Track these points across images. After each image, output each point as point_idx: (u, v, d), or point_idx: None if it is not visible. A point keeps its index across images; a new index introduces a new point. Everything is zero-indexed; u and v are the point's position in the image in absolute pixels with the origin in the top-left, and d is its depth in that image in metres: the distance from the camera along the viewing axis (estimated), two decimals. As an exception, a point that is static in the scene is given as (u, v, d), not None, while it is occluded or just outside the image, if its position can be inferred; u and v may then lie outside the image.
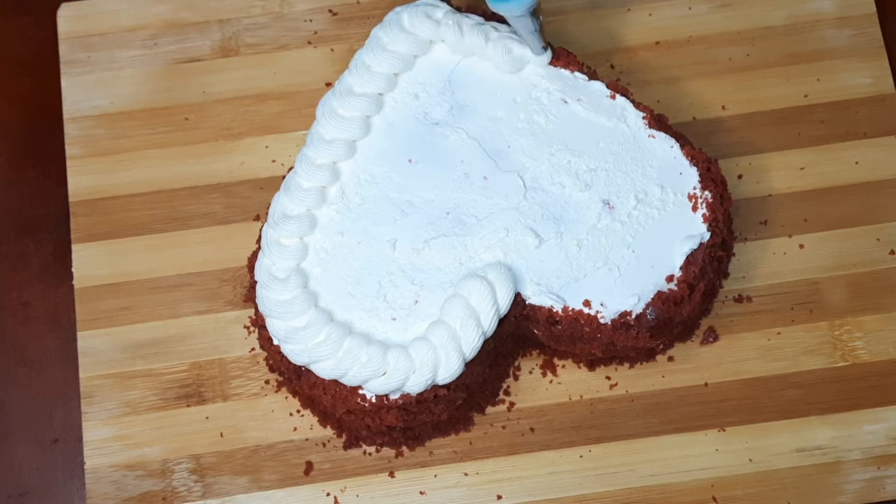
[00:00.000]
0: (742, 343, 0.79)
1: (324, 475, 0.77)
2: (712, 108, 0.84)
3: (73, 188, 0.83)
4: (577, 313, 0.72)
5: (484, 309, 0.71)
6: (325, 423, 0.77)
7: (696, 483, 0.76)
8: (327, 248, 0.74)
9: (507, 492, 0.76)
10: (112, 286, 0.81)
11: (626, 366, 0.78)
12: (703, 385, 0.78)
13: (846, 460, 0.76)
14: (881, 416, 0.77)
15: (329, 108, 0.76)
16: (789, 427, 0.77)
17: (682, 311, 0.73)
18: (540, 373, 0.78)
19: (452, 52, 0.77)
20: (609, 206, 0.74)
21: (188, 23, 0.87)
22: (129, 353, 0.79)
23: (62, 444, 0.80)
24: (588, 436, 0.77)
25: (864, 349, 0.78)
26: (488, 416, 0.78)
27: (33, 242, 0.84)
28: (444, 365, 0.70)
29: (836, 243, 0.80)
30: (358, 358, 0.70)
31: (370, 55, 0.76)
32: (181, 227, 0.82)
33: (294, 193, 0.74)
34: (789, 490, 0.76)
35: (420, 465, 0.77)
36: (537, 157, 0.75)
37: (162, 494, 0.76)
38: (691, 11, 0.86)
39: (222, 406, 0.78)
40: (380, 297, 0.72)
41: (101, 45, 0.86)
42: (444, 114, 0.76)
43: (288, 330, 0.71)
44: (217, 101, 0.85)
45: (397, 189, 0.75)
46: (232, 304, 0.80)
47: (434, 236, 0.73)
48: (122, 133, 0.84)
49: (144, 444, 0.77)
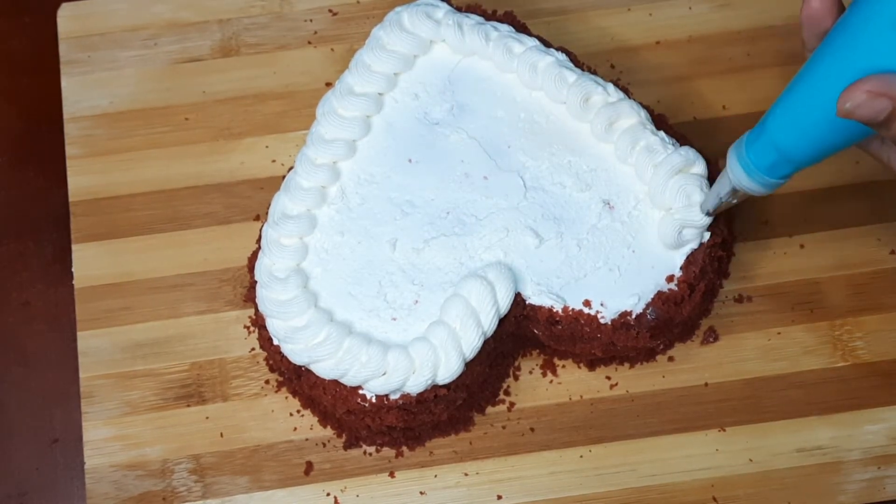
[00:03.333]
0: (742, 343, 0.79)
1: (324, 475, 0.77)
2: (712, 108, 0.84)
3: (73, 188, 0.83)
4: (577, 313, 0.72)
5: (484, 309, 0.71)
6: (325, 423, 0.77)
7: (697, 483, 0.76)
8: (327, 247, 0.74)
9: (507, 492, 0.76)
10: (112, 286, 0.81)
11: (627, 366, 0.78)
12: (704, 385, 0.78)
13: (846, 460, 0.76)
14: (881, 416, 0.77)
15: (329, 108, 0.76)
16: (789, 427, 0.77)
17: (682, 311, 0.73)
18: (540, 373, 0.78)
19: (453, 52, 0.77)
20: (609, 205, 0.74)
21: (188, 23, 0.87)
22: (129, 353, 0.79)
23: (62, 444, 0.80)
24: (588, 436, 0.77)
25: (864, 349, 0.78)
26: (488, 416, 0.78)
27: (33, 242, 0.84)
28: (444, 365, 0.70)
29: (836, 243, 0.80)
30: (358, 358, 0.70)
31: (370, 55, 0.76)
32: (181, 227, 0.82)
33: (294, 193, 0.74)
34: (789, 490, 0.76)
35: (420, 465, 0.77)
36: (538, 156, 0.75)
37: (162, 494, 0.76)
38: (691, 11, 0.86)
39: (222, 406, 0.78)
40: (380, 297, 0.72)
41: (101, 45, 0.86)
42: (444, 113, 0.76)
43: (288, 330, 0.71)
44: (217, 100, 0.85)
45: (397, 189, 0.75)
46: (232, 304, 0.80)
47: (434, 236, 0.73)
48: (122, 133, 0.84)
49: (144, 444, 0.77)
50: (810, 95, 0.59)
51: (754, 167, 0.63)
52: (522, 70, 0.76)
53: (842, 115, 0.55)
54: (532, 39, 0.77)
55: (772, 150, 0.62)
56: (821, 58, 0.58)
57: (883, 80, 0.54)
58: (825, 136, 0.59)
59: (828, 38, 0.58)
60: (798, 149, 0.61)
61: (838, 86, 0.56)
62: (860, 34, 0.56)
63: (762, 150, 0.63)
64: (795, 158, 0.62)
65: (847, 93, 0.55)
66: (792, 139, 0.61)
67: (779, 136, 0.61)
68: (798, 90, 0.60)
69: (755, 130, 0.63)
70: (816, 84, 0.58)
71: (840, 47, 0.57)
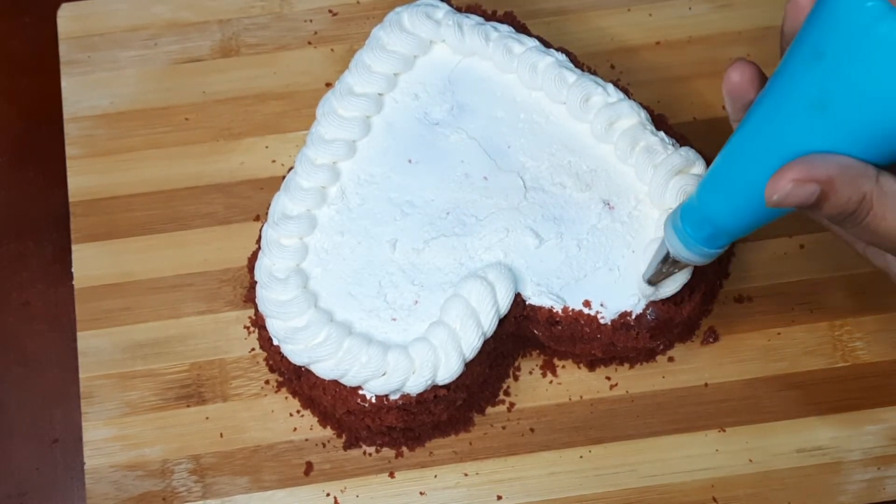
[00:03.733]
0: (742, 343, 0.79)
1: (324, 475, 0.77)
2: (712, 108, 0.84)
3: (73, 188, 0.83)
4: (577, 313, 0.72)
5: (484, 309, 0.71)
6: (325, 424, 0.77)
7: (697, 483, 0.76)
8: (327, 248, 0.74)
9: (507, 492, 0.76)
10: (112, 286, 0.81)
11: (627, 366, 0.78)
12: (704, 385, 0.78)
13: (846, 460, 0.76)
14: (881, 417, 0.77)
15: (329, 108, 0.76)
16: (789, 427, 0.77)
17: (682, 311, 0.73)
18: (540, 373, 0.78)
19: (453, 53, 0.77)
20: (609, 206, 0.74)
21: (188, 23, 0.87)
22: (129, 353, 0.79)
23: (62, 444, 0.80)
24: (588, 436, 0.77)
25: (864, 349, 0.78)
26: (488, 417, 0.78)
27: (33, 242, 0.84)
28: (444, 365, 0.70)
29: (836, 243, 0.80)
30: (358, 358, 0.70)
31: (370, 55, 0.76)
32: (181, 227, 0.82)
33: (294, 193, 0.74)
34: (789, 490, 0.76)
35: (420, 465, 0.77)
36: (537, 157, 0.75)
37: (162, 495, 0.76)
38: (691, 11, 0.86)
39: (222, 406, 0.78)
40: (380, 298, 0.72)
41: (101, 45, 0.86)
42: (444, 114, 0.76)
43: (288, 330, 0.71)
44: (217, 101, 0.85)
45: (397, 189, 0.75)
46: (232, 305, 0.80)
47: (434, 236, 0.73)
48: (122, 133, 0.84)
49: (144, 445, 0.77)
50: (737, 177, 0.57)
51: (692, 239, 0.62)
52: (522, 70, 0.76)
53: (771, 206, 0.54)
54: (532, 40, 0.77)
55: (707, 225, 0.61)
56: (742, 138, 0.57)
57: (806, 165, 0.53)
58: (758, 213, 0.57)
59: (748, 115, 0.56)
60: (732, 224, 0.59)
61: (763, 170, 0.54)
62: (777, 117, 0.54)
63: (698, 224, 0.61)
64: (731, 231, 0.60)
65: (773, 184, 0.53)
66: (725, 216, 0.59)
67: (712, 212, 0.60)
68: (725, 170, 0.58)
69: (689, 203, 0.62)
70: (742, 167, 0.57)
71: (759, 131, 0.55)
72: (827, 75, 0.52)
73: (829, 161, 0.53)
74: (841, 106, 0.52)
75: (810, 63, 0.52)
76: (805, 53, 0.53)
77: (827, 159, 0.53)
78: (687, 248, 0.63)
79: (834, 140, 0.53)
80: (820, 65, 0.52)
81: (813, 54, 0.52)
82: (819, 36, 0.52)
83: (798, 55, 0.53)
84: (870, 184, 0.53)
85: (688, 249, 0.63)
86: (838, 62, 0.51)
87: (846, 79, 0.51)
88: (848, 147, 0.53)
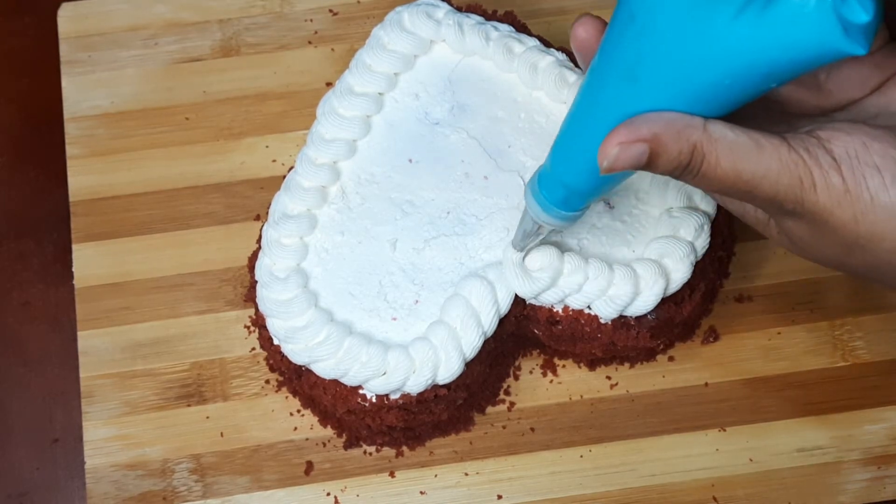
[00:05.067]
0: (742, 343, 0.79)
1: (324, 475, 0.77)
2: (712, 109, 0.84)
3: (73, 188, 0.83)
4: (577, 313, 0.72)
5: (484, 309, 0.71)
6: (325, 423, 0.77)
7: (697, 483, 0.76)
8: (328, 247, 0.74)
9: (507, 492, 0.76)
10: (112, 286, 0.81)
11: (627, 366, 0.78)
12: (704, 385, 0.78)
13: (846, 460, 0.76)
14: (881, 416, 0.77)
15: (329, 108, 0.76)
16: (789, 427, 0.77)
17: (682, 311, 0.73)
18: (540, 373, 0.78)
19: (453, 52, 0.77)
20: (609, 205, 0.74)
21: (188, 23, 0.87)
22: (129, 353, 0.79)
23: (62, 444, 0.80)
24: (588, 436, 0.77)
25: (864, 349, 0.78)
26: (488, 416, 0.78)
27: (33, 242, 0.84)
28: (444, 365, 0.70)
29: (836, 243, 0.80)
30: (358, 358, 0.70)
31: (371, 55, 0.76)
32: (182, 227, 0.82)
33: (294, 193, 0.74)
34: (789, 490, 0.76)
35: (420, 465, 0.77)
36: (538, 156, 0.75)
37: (162, 494, 0.76)
38: (691, 11, 0.86)
39: (222, 406, 0.78)
40: (380, 297, 0.72)
41: (101, 45, 0.86)
42: (444, 113, 0.76)
43: (288, 330, 0.71)
44: (217, 100, 0.85)
45: (398, 189, 0.75)
46: (232, 304, 0.80)
47: (434, 236, 0.73)
48: (122, 133, 0.84)
49: (145, 444, 0.77)
50: (577, 141, 0.58)
51: (549, 203, 0.62)
52: (523, 70, 0.76)
53: (605, 172, 0.54)
54: (532, 39, 0.77)
55: (560, 187, 0.61)
56: (579, 102, 0.57)
57: (629, 128, 0.53)
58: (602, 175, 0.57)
59: (585, 81, 0.57)
60: (582, 185, 0.60)
61: (597, 134, 0.55)
62: (602, 80, 0.55)
63: (552, 187, 0.62)
64: (584, 192, 0.61)
65: (602, 151, 0.53)
66: (573, 176, 0.60)
67: (562, 175, 0.60)
68: (568, 133, 0.59)
69: (545, 167, 0.62)
70: (579, 130, 0.57)
71: (590, 94, 0.56)
72: (639, 38, 0.52)
73: (652, 119, 0.53)
74: (655, 66, 0.52)
75: (626, 25, 0.53)
76: (622, 16, 0.53)
77: (650, 118, 0.53)
78: (545, 212, 0.63)
79: (656, 99, 0.53)
80: (633, 26, 0.53)
81: (628, 16, 0.53)
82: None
83: (618, 18, 0.54)
84: (697, 133, 0.53)
85: (546, 213, 0.63)
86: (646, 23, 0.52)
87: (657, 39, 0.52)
88: (671, 104, 0.53)
